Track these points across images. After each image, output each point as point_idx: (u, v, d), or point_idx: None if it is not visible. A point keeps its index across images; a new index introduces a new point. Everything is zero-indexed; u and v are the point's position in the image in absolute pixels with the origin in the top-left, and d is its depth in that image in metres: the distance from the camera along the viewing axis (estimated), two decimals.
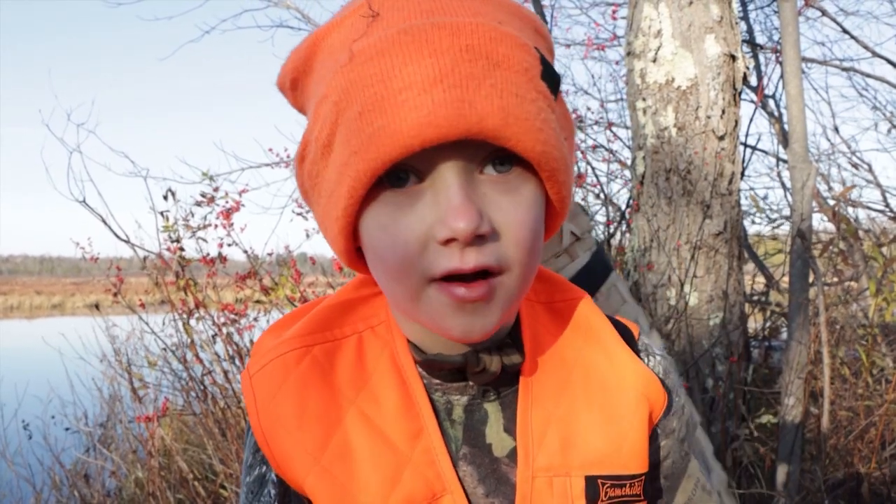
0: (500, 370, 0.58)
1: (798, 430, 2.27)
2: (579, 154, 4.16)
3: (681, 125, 3.02)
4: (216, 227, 2.97)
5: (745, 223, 4.55)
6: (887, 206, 5.19)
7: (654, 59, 3.06)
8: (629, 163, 3.85)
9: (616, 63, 5.58)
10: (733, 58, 3.02)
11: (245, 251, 2.96)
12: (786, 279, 3.10)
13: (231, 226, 2.95)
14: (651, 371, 0.65)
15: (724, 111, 3.00)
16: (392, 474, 0.55)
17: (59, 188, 2.49)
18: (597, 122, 5.04)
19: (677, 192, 3.02)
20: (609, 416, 0.61)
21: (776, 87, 4.82)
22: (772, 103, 4.80)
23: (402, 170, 0.51)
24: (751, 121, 4.56)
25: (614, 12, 5.23)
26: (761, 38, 5.21)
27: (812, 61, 5.29)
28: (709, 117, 2.99)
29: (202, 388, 2.75)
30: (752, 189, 6.13)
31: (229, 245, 2.97)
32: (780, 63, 3.31)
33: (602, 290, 1.53)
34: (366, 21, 0.52)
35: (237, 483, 2.57)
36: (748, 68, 3.07)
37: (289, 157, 4.61)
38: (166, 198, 2.81)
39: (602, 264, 1.52)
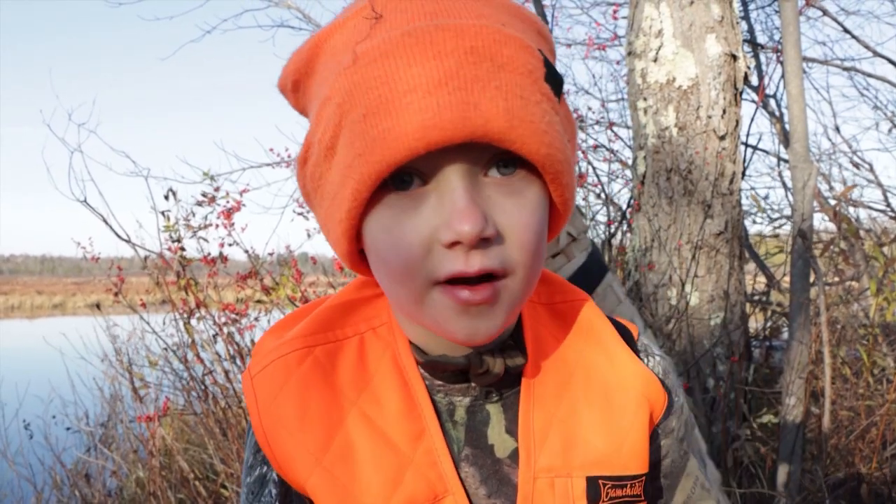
0: (504, 372, 0.58)
1: (799, 430, 2.27)
2: (580, 154, 4.16)
3: (682, 125, 3.02)
4: (217, 226, 2.97)
5: (746, 223, 4.55)
6: (888, 205, 5.19)
7: (655, 59, 3.06)
8: (630, 162, 3.85)
9: (617, 63, 5.58)
10: (734, 57, 3.02)
11: (246, 251, 2.96)
12: (787, 279, 3.10)
13: (232, 225, 2.95)
14: (651, 372, 0.65)
15: (725, 111, 3.00)
16: (394, 475, 0.55)
17: (61, 188, 2.49)
18: (598, 122, 5.03)
19: (678, 192, 3.02)
20: (610, 416, 0.61)
21: (777, 87, 4.82)
22: (773, 103, 4.80)
23: (405, 172, 0.50)
24: (752, 120, 4.56)
25: (615, 12, 5.23)
26: (762, 38, 5.21)
27: (813, 61, 5.29)
28: (710, 117, 2.99)
29: (203, 387, 2.75)
30: (753, 189, 6.12)
31: (230, 245, 2.97)
32: (781, 63, 3.31)
33: (598, 290, 1.53)
34: (369, 23, 0.52)
35: (238, 483, 2.57)
36: (749, 68, 3.07)
37: (289, 156, 4.61)
38: (167, 197, 2.81)
39: (598, 264, 1.52)
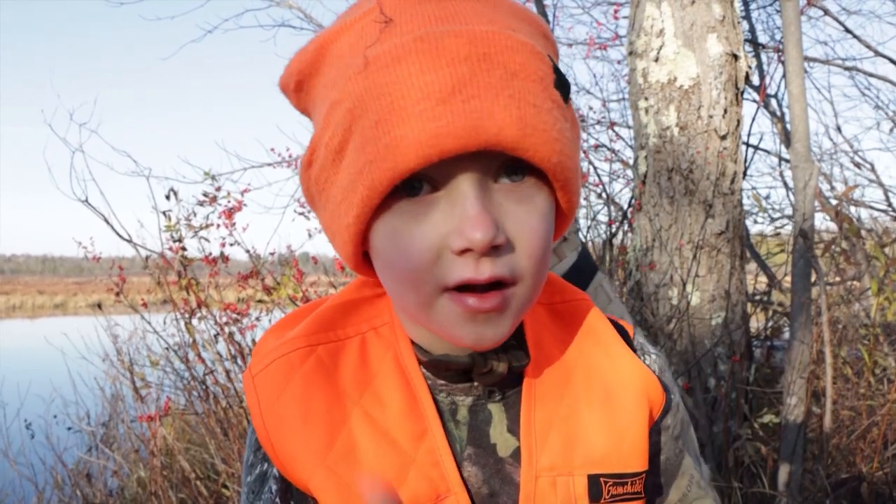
0: (507, 371, 0.58)
1: (800, 430, 2.27)
2: (581, 153, 4.15)
3: (683, 124, 3.02)
4: (218, 226, 2.97)
5: (748, 223, 4.54)
6: (889, 205, 5.19)
7: (657, 59, 3.06)
8: (631, 162, 3.85)
9: (618, 62, 5.59)
10: (735, 57, 3.02)
11: (247, 251, 2.97)
12: (788, 279, 3.10)
13: (233, 225, 2.95)
14: (649, 369, 0.65)
15: (726, 110, 3.00)
16: (396, 475, 0.55)
17: (62, 188, 2.50)
18: (599, 122, 5.04)
19: (679, 192, 3.02)
20: (610, 415, 0.61)
21: (778, 87, 4.82)
22: (774, 103, 4.80)
23: (416, 178, 0.50)
24: (753, 120, 4.57)
25: (616, 12, 5.23)
26: (763, 38, 5.21)
27: (814, 60, 5.29)
28: (711, 117, 2.99)
29: (204, 387, 2.75)
30: (754, 188, 6.13)
31: (231, 244, 2.97)
32: (783, 62, 3.31)
33: (588, 289, 1.53)
34: (378, 26, 0.51)
35: (239, 482, 2.57)
36: (750, 68, 3.07)
37: (291, 156, 4.62)
38: (168, 197, 2.81)
39: (588, 264, 1.52)
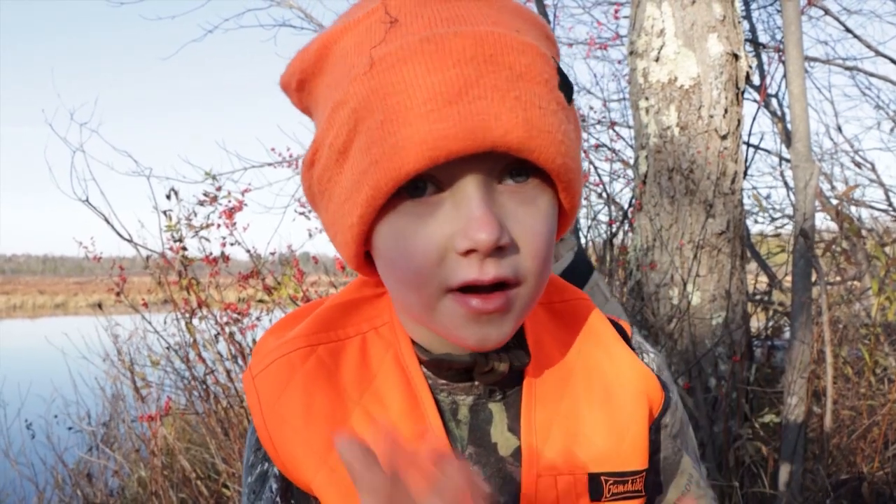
0: (508, 370, 0.58)
1: (801, 430, 2.27)
2: (582, 154, 4.15)
3: (683, 124, 3.02)
4: (219, 226, 2.98)
5: (748, 222, 4.54)
6: (890, 205, 5.19)
7: (657, 59, 3.06)
8: (632, 162, 3.85)
9: (619, 62, 5.58)
10: (736, 57, 3.02)
11: (248, 250, 2.97)
12: (788, 278, 3.09)
13: (234, 225, 2.95)
14: (648, 368, 0.65)
15: (726, 110, 3.00)
16: None
17: (63, 187, 2.50)
18: (599, 122, 5.04)
19: (680, 192, 3.02)
20: (611, 413, 0.61)
21: (779, 87, 4.81)
22: (774, 102, 4.79)
23: (420, 179, 0.50)
24: (753, 120, 4.56)
25: (617, 11, 5.23)
26: (764, 37, 5.20)
27: (815, 60, 5.29)
28: (711, 116, 2.99)
29: (205, 387, 2.75)
30: (754, 188, 6.13)
31: (232, 244, 2.98)
32: (783, 62, 3.30)
33: (584, 289, 1.53)
34: (384, 26, 0.51)
35: (240, 482, 2.57)
36: (751, 67, 3.07)
37: (291, 156, 4.62)
38: (169, 197, 2.82)
39: (584, 263, 1.52)
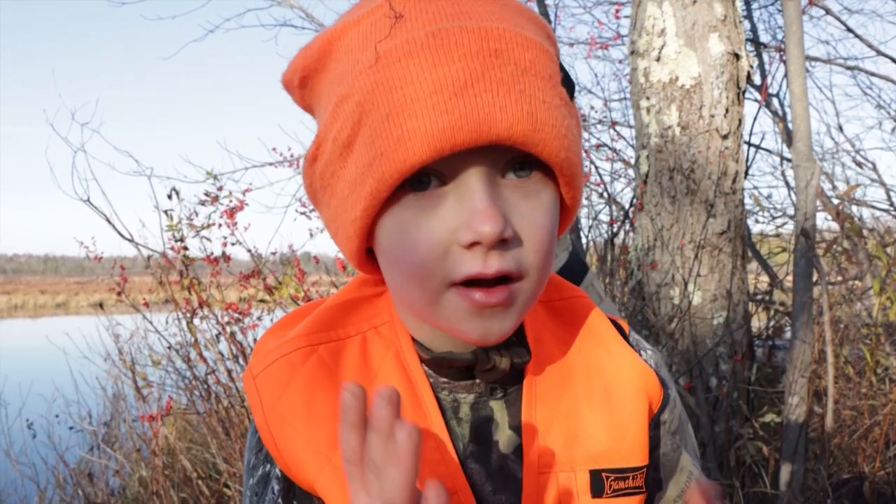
0: (510, 368, 0.59)
1: (802, 430, 2.27)
2: (583, 153, 4.16)
3: (684, 124, 3.02)
4: (220, 226, 2.98)
5: (749, 222, 4.54)
6: (891, 204, 5.18)
7: (658, 58, 3.06)
8: (633, 162, 3.84)
9: (619, 62, 5.59)
10: (737, 56, 3.02)
11: (249, 250, 2.97)
12: (789, 278, 3.09)
13: (235, 225, 2.96)
14: (647, 365, 0.66)
15: (727, 110, 3.00)
16: None
17: (64, 187, 2.50)
18: (600, 121, 5.04)
19: (681, 191, 3.02)
20: (611, 410, 0.62)
21: (780, 86, 4.81)
22: (775, 102, 4.79)
23: (424, 173, 0.51)
24: (754, 119, 4.57)
25: (618, 11, 5.23)
26: (765, 37, 5.20)
27: (816, 60, 5.28)
28: (712, 116, 2.99)
29: (206, 387, 2.76)
30: (755, 188, 6.12)
31: (233, 244, 2.98)
32: (784, 62, 3.30)
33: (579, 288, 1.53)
34: (389, 22, 0.52)
35: (240, 482, 2.57)
36: (752, 67, 3.07)
37: (292, 156, 4.62)
38: (170, 197, 2.82)
39: (579, 263, 1.52)
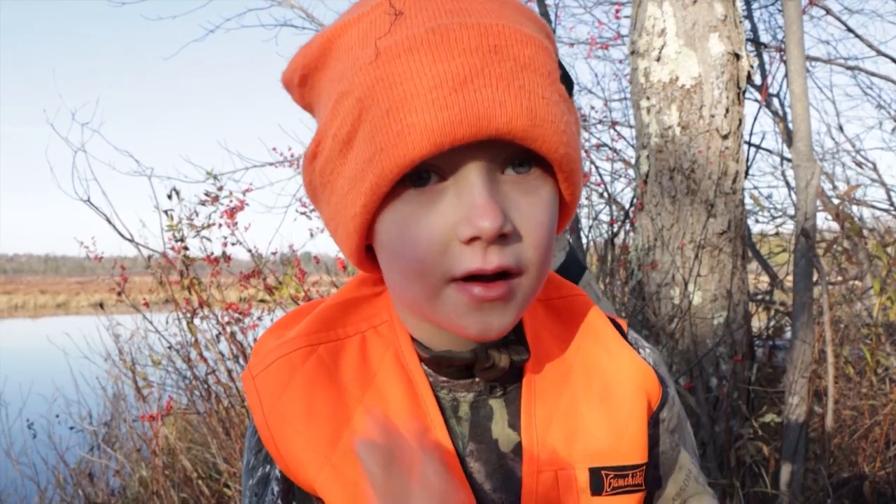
0: (509, 366, 0.59)
1: (802, 430, 2.27)
2: (583, 153, 4.16)
3: (685, 124, 3.02)
4: (220, 226, 2.98)
5: (749, 222, 4.54)
6: (892, 204, 5.18)
7: (658, 58, 3.06)
8: (633, 162, 3.84)
9: (620, 62, 5.59)
10: (737, 56, 3.02)
11: (249, 250, 2.97)
12: (790, 278, 3.09)
13: (235, 225, 2.96)
14: (646, 363, 0.66)
15: (727, 110, 3.00)
16: None
17: (64, 187, 2.49)
18: (601, 121, 5.04)
19: (681, 191, 3.02)
20: (610, 408, 0.62)
21: (780, 86, 4.81)
22: (776, 102, 4.79)
23: (423, 169, 0.51)
24: (755, 119, 4.57)
25: (618, 11, 5.23)
26: (765, 37, 5.20)
27: (816, 60, 5.28)
28: (713, 116, 2.99)
29: (206, 387, 2.76)
30: (755, 188, 6.12)
31: (233, 244, 2.98)
32: (785, 61, 3.30)
33: None
34: (389, 19, 0.52)
35: (241, 482, 2.57)
36: (752, 67, 3.07)
37: (292, 156, 4.63)
38: (170, 197, 2.82)
39: (576, 263, 1.52)
